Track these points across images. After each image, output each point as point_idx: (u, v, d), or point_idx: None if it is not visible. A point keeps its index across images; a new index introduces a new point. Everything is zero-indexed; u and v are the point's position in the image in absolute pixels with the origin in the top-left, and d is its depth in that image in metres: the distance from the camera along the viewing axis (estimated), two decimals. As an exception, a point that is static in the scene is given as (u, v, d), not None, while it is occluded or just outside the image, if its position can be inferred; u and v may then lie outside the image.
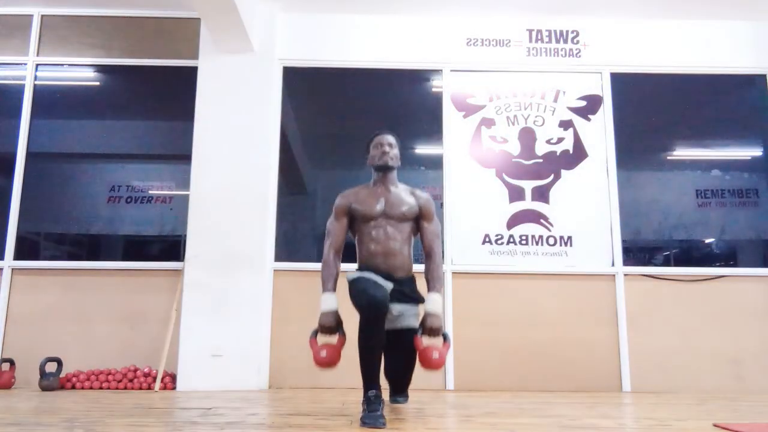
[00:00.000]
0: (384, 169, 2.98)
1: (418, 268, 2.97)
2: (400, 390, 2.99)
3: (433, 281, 2.91)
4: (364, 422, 2.52)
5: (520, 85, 4.75)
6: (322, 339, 2.84)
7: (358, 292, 2.72)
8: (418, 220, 2.99)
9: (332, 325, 2.81)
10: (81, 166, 4.75)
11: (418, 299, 2.93)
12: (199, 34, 4.56)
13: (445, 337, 2.86)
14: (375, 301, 2.64)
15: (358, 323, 2.67)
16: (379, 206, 2.93)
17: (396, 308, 2.85)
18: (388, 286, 2.78)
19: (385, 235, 2.91)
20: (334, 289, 2.86)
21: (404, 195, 2.99)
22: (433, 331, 2.80)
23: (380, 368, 2.73)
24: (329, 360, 2.78)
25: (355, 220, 2.98)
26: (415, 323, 2.88)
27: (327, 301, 2.84)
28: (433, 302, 2.83)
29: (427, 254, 2.97)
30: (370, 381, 2.66)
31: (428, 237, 2.97)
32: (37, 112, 4.70)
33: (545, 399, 3.63)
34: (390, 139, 3.03)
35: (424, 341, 2.80)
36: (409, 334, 2.84)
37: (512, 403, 3.43)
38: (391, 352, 2.88)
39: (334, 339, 2.82)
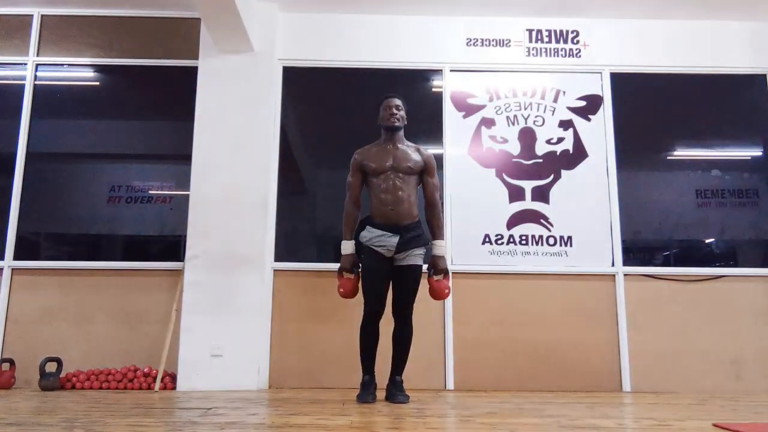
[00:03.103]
0: (392, 129, 3.44)
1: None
2: (399, 359, 3.42)
3: (436, 229, 3.45)
4: (358, 398, 3.28)
5: (520, 85, 4.75)
6: (345, 275, 3.45)
7: (367, 289, 3.34)
8: (422, 174, 3.45)
9: (348, 266, 3.41)
10: (81, 166, 4.75)
11: (422, 241, 3.39)
12: (199, 34, 4.57)
13: (446, 272, 3.46)
14: (375, 310, 3.31)
15: (361, 322, 3.33)
16: (389, 162, 3.38)
17: (403, 254, 3.33)
18: (394, 240, 3.29)
19: (394, 186, 3.35)
20: (352, 237, 3.43)
21: (410, 151, 3.45)
22: (442, 271, 3.41)
23: (375, 358, 3.37)
24: (346, 292, 3.43)
25: (367, 174, 3.43)
26: (419, 261, 3.38)
27: (346, 247, 3.42)
28: (439, 247, 3.42)
29: (430, 204, 3.47)
30: (366, 368, 3.37)
31: (430, 189, 3.46)
32: (37, 112, 4.70)
33: (545, 399, 3.63)
34: (398, 101, 3.50)
35: (435, 279, 3.41)
36: (413, 269, 3.35)
37: (512, 403, 3.43)
38: (399, 285, 3.36)
39: (351, 276, 3.44)
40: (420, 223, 3.42)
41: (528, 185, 4.59)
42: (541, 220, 4.53)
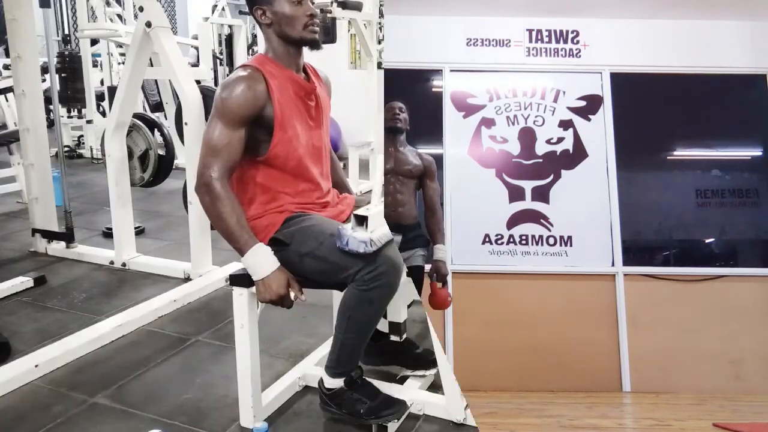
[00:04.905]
0: (394, 131, 3.51)
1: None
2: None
3: (437, 233, 3.49)
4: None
5: (520, 85, 4.73)
6: None
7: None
8: (422, 178, 3.51)
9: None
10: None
11: (424, 241, 3.42)
12: (199, 34, 4.57)
13: (445, 281, 3.50)
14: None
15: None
16: (389, 164, 3.42)
17: (405, 254, 3.28)
18: (397, 238, 3.03)
19: (394, 189, 3.39)
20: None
21: (411, 156, 3.53)
22: (444, 276, 3.44)
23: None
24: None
25: None
26: (420, 261, 3.40)
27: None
28: (441, 251, 3.44)
29: (430, 209, 3.53)
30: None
31: (430, 193, 3.55)
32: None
33: (545, 399, 3.63)
34: (400, 104, 3.58)
35: (439, 286, 3.41)
36: (417, 270, 3.35)
37: (512, 403, 3.43)
38: None
39: None
40: (420, 225, 3.48)
41: (528, 185, 4.58)
42: (541, 220, 4.52)
